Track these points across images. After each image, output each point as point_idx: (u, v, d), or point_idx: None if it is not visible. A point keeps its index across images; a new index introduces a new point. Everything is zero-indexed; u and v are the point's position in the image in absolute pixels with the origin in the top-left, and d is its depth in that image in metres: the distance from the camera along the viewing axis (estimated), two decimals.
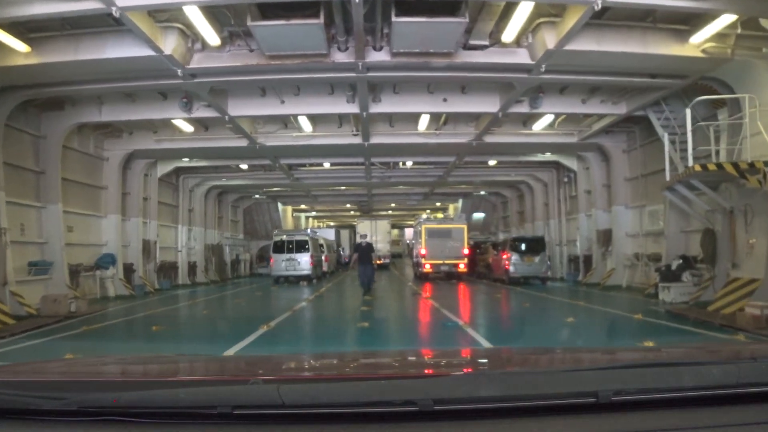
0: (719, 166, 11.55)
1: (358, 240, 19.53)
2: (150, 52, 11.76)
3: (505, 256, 24.34)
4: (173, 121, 18.82)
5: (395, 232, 61.80)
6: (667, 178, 14.15)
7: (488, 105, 16.48)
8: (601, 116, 18.75)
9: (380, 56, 12.45)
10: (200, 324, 13.88)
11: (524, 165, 27.13)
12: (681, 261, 15.82)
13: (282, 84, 15.06)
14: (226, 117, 16.61)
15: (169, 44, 11.89)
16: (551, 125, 19.85)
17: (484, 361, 2.39)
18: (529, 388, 1.38)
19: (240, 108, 16.69)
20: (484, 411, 1.33)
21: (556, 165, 26.25)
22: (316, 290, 22.74)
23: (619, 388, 1.36)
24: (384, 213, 50.30)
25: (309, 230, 31.04)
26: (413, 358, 2.58)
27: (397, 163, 26.99)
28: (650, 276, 18.80)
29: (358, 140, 19.95)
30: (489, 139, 20.28)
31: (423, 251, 27.10)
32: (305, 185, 30.94)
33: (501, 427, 1.30)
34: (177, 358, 2.42)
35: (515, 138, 20.58)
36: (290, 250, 27.09)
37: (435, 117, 19.29)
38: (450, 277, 27.34)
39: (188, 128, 19.60)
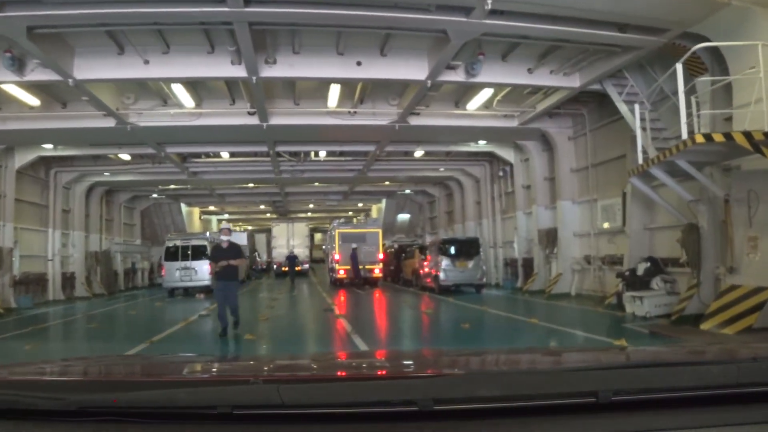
0: (728, 136, 8.50)
1: (219, 238, 11.93)
2: None
3: (434, 261, 21.11)
4: (8, 90, 14.32)
5: (318, 236, 58.48)
6: (639, 160, 11.29)
7: (414, 71, 13.02)
8: (547, 93, 15.84)
9: None
10: None
11: (454, 157, 24.39)
12: (648, 264, 13.03)
13: (134, 26, 11.02)
14: (70, 81, 12.44)
15: None
16: (488, 104, 16.72)
17: (484, 361, 2.24)
18: (529, 388, 1.35)
19: (90, 69, 12.58)
20: (484, 411, 1.30)
21: (490, 157, 23.55)
22: (209, 306, 18.64)
23: (619, 388, 1.33)
24: (303, 215, 47.03)
25: (209, 234, 26.80)
26: (413, 358, 2.50)
27: (308, 154, 23.30)
28: (605, 282, 16.07)
29: (254, 120, 16.11)
30: (415, 121, 16.97)
31: (336, 256, 25.92)
32: (205, 181, 26.88)
33: (501, 427, 1.27)
34: (177, 358, 2.51)
35: (446, 120, 17.36)
36: (186, 257, 23.60)
37: (349, 93, 15.83)
38: (366, 282, 25.54)
39: (33, 101, 15.19)
